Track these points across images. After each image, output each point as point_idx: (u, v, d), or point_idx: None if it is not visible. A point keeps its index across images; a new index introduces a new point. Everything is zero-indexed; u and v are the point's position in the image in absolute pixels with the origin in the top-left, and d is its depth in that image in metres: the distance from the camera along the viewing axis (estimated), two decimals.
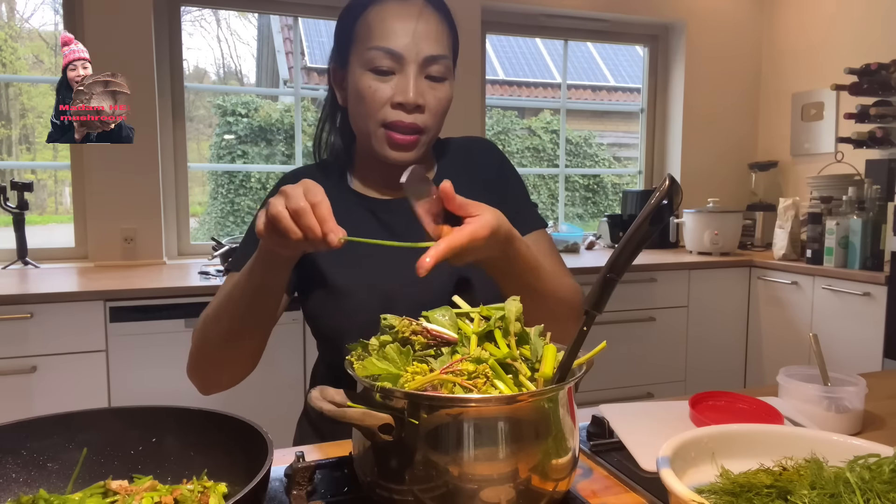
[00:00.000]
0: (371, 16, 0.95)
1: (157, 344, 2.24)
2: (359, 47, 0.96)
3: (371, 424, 0.59)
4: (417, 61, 0.94)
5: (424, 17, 0.95)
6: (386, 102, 0.94)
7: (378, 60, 0.93)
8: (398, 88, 0.94)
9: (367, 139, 0.98)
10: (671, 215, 0.63)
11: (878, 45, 3.07)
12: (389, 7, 0.95)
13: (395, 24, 0.93)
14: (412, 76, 0.93)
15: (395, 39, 0.93)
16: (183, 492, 0.64)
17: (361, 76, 0.95)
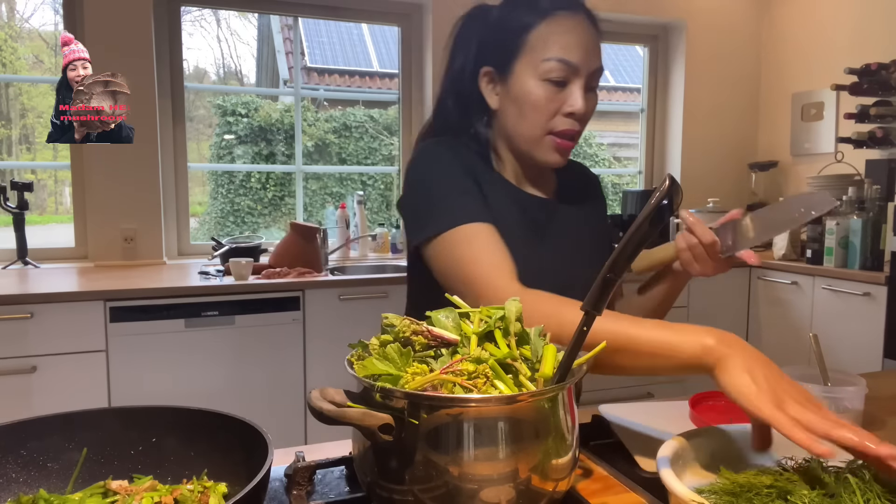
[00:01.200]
0: (546, 28, 1.00)
1: (157, 344, 2.24)
2: (531, 56, 1.00)
3: (371, 424, 0.59)
4: (587, 73, 1.00)
5: (590, 31, 1.02)
6: (557, 112, 1.01)
7: (555, 72, 0.99)
8: (570, 99, 1.00)
9: (530, 144, 1.04)
10: (671, 215, 0.63)
11: (878, 45, 3.07)
12: (563, 21, 1.00)
13: (571, 37, 0.99)
14: (582, 87, 1.00)
15: (573, 52, 0.99)
16: (183, 492, 0.64)
17: (535, 86, 1.00)
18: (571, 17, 1.00)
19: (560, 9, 1.01)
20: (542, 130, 1.02)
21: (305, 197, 4.01)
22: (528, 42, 1.01)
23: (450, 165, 1.03)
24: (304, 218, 3.38)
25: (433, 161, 1.04)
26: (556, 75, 0.99)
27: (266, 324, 2.37)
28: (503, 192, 1.07)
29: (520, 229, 1.05)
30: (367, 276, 2.68)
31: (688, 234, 0.99)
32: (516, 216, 1.06)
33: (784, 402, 0.64)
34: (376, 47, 6.40)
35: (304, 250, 2.63)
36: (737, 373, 0.67)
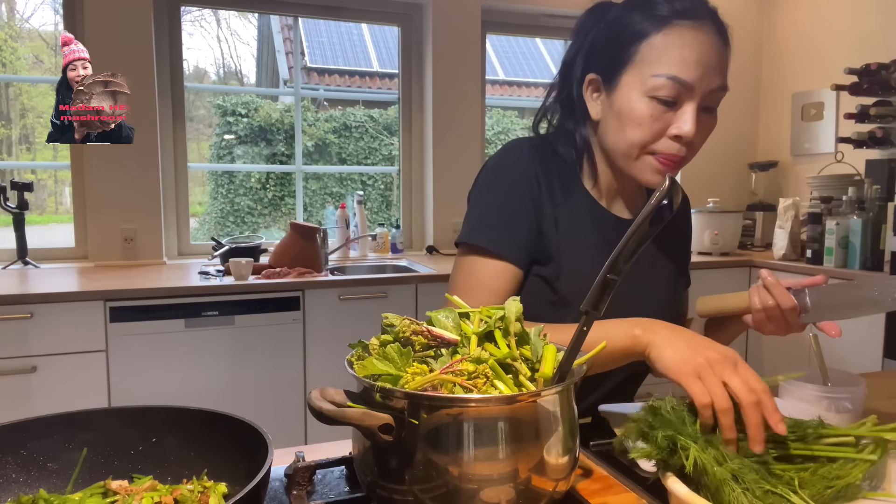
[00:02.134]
0: (661, 40, 0.90)
1: (157, 344, 2.24)
2: (641, 70, 0.91)
3: (371, 424, 0.59)
4: (703, 93, 0.91)
5: (714, 46, 0.91)
6: (662, 132, 0.92)
7: (665, 90, 0.89)
8: (679, 121, 0.91)
9: (627, 161, 0.96)
10: (672, 215, 0.63)
11: (878, 45, 3.07)
12: (683, 33, 0.89)
13: (688, 51, 0.89)
14: (695, 108, 0.90)
15: (688, 70, 0.89)
16: (183, 492, 0.64)
17: (640, 101, 0.91)
18: (693, 28, 0.90)
19: (681, 17, 0.90)
20: (640, 149, 0.94)
21: (305, 197, 4.01)
22: (639, 53, 0.92)
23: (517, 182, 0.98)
24: (304, 218, 3.38)
25: (511, 166, 1.00)
26: (665, 93, 0.90)
27: (266, 324, 2.37)
28: (582, 207, 1.02)
29: (592, 250, 1.00)
30: (367, 276, 2.68)
31: (764, 294, 0.93)
32: (590, 234, 1.01)
33: (703, 371, 0.71)
34: (376, 47, 6.40)
35: (304, 250, 2.63)
36: (662, 351, 0.77)
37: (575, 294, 0.97)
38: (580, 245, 1.00)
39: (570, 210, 1.00)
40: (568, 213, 1.00)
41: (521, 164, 0.99)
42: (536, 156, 1.00)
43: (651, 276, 1.07)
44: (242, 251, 2.66)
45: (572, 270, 0.99)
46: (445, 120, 3.17)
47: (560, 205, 1.00)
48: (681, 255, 1.15)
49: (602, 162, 1.03)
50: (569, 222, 1.00)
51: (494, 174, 1.00)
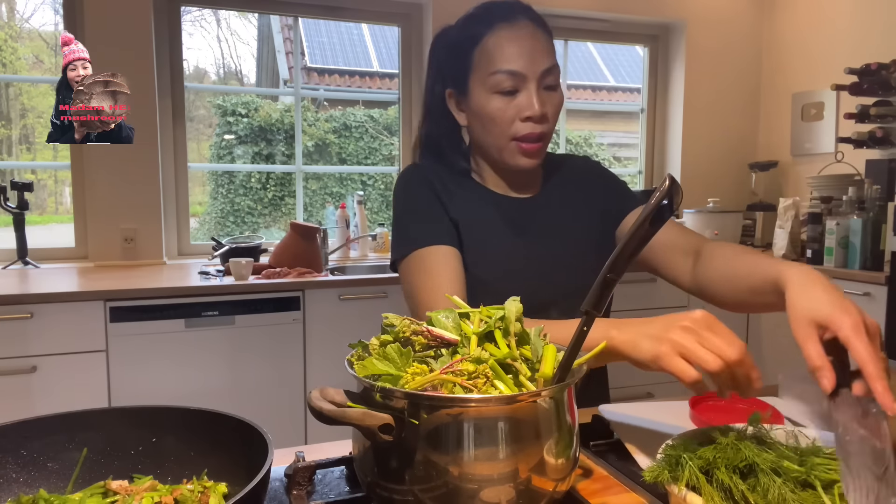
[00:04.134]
0: (488, 44, 1.04)
1: (157, 344, 2.24)
2: (480, 74, 1.05)
3: (371, 424, 0.59)
4: (536, 76, 1.03)
5: (534, 36, 1.04)
6: (514, 119, 1.04)
7: (503, 83, 1.03)
8: (524, 104, 1.03)
9: (499, 153, 1.09)
10: (671, 215, 0.63)
11: (878, 45, 3.07)
12: (503, 33, 1.04)
13: (511, 47, 1.02)
14: (534, 91, 1.03)
15: (515, 61, 1.02)
16: (183, 492, 0.64)
17: (488, 99, 1.04)
18: (511, 27, 1.04)
19: (499, 21, 1.04)
20: (505, 138, 1.06)
21: (305, 197, 4.01)
22: (475, 60, 1.06)
23: (416, 190, 1.12)
24: (304, 218, 3.38)
25: (403, 187, 1.14)
26: (505, 86, 1.03)
27: (266, 324, 2.37)
28: (478, 197, 1.13)
29: (496, 229, 1.11)
30: (367, 276, 2.68)
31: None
32: (492, 217, 1.12)
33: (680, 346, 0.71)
34: (376, 47, 6.40)
35: (304, 250, 2.63)
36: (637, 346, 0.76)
37: (489, 273, 1.07)
38: (484, 229, 1.10)
39: (467, 201, 1.11)
40: (465, 204, 1.11)
41: (417, 176, 1.13)
42: (425, 171, 1.14)
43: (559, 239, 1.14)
44: (242, 251, 2.66)
45: (482, 254, 1.08)
46: None
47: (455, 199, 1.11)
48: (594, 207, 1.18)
49: (482, 160, 1.16)
50: (467, 210, 1.10)
51: (399, 196, 1.13)
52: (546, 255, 1.12)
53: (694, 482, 0.60)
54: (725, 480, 0.59)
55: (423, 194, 1.11)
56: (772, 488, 0.57)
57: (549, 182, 1.19)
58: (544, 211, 1.15)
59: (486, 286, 1.06)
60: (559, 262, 1.12)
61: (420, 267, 1.04)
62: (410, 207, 1.11)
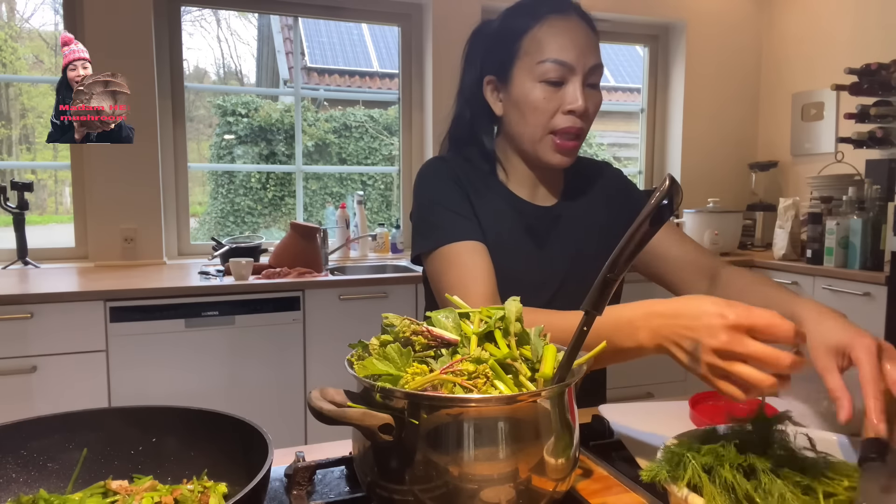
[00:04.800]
0: (539, 32, 1.04)
1: (157, 344, 2.24)
2: (527, 61, 1.04)
3: (371, 424, 0.59)
4: (584, 71, 1.03)
5: (583, 30, 1.04)
6: (557, 110, 1.03)
7: (551, 72, 1.02)
8: (569, 97, 1.02)
9: (533, 145, 1.07)
10: (671, 215, 0.62)
11: (878, 45, 3.07)
12: (556, 23, 1.03)
13: (563, 38, 1.02)
14: (579, 85, 1.02)
15: (566, 52, 1.02)
16: (183, 492, 0.64)
17: (533, 87, 1.03)
18: (563, 19, 1.03)
19: (551, 13, 1.04)
20: (543, 130, 1.04)
21: (305, 197, 4.01)
22: (523, 47, 1.05)
23: (444, 183, 1.10)
24: (304, 218, 3.38)
25: (432, 178, 1.11)
26: (552, 76, 1.02)
27: (266, 324, 2.37)
28: (502, 200, 1.11)
29: (515, 236, 1.10)
30: (367, 276, 2.68)
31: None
32: (513, 223, 1.10)
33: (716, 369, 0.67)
34: (376, 47, 6.40)
35: (304, 250, 2.63)
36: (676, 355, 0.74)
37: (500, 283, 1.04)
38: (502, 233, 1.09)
39: (489, 204, 1.10)
40: (488, 208, 1.09)
41: (442, 170, 1.11)
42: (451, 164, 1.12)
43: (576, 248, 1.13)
44: (242, 251, 2.66)
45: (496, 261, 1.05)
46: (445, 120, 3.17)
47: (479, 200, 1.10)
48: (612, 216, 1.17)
49: (514, 155, 1.13)
50: (489, 215, 1.09)
51: (425, 187, 1.11)
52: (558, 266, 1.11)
53: (696, 481, 0.60)
54: (729, 479, 0.59)
55: (452, 188, 1.09)
56: (773, 490, 0.57)
57: (572, 190, 1.17)
58: (565, 221, 1.14)
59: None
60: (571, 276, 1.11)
61: (454, 261, 1.02)
62: (439, 199, 1.08)
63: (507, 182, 1.14)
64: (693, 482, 0.60)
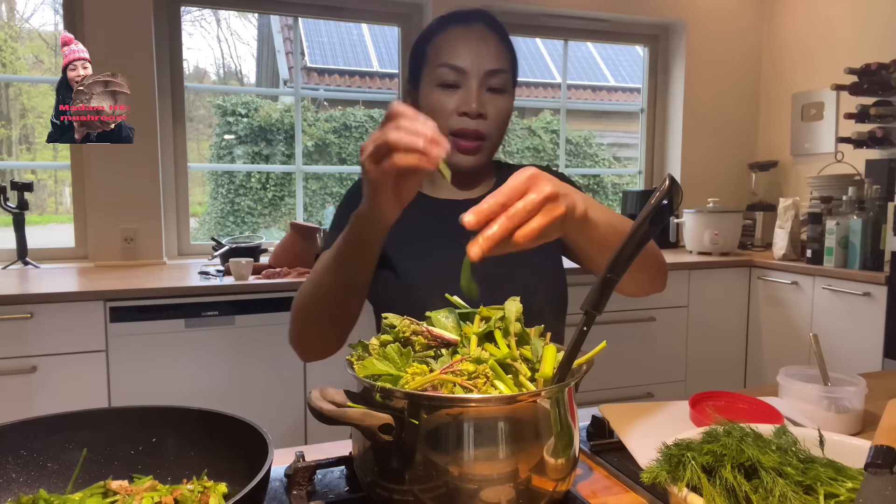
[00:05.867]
0: (439, 39, 1.10)
1: (157, 344, 2.24)
2: (429, 67, 1.10)
3: (371, 424, 0.59)
4: (479, 75, 1.06)
5: (485, 39, 1.08)
6: (452, 112, 1.07)
7: (445, 76, 1.07)
8: (462, 99, 1.06)
9: None
10: (671, 215, 0.63)
11: (878, 45, 3.07)
12: (455, 31, 1.09)
13: (459, 44, 1.07)
14: (474, 88, 1.06)
15: (459, 57, 1.06)
16: (183, 492, 0.64)
17: (431, 91, 1.08)
18: (465, 28, 1.08)
19: (455, 23, 1.09)
20: (444, 132, 1.04)
21: (305, 197, 4.01)
22: (427, 55, 1.11)
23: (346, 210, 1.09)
24: (304, 218, 3.38)
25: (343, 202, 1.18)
26: (446, 79, 1.06)
27: (266, 324, 2.37)
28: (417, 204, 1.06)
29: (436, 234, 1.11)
30: None
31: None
32: (432, 223, 1.12)
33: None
34: (376, 47, 6.39)
35: (304, 250, 2.63)
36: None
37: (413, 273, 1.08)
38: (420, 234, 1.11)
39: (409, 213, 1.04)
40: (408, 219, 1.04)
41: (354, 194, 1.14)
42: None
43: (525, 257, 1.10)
44: (242, 251, 2.66)
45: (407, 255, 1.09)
46: None
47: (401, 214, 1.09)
48: None
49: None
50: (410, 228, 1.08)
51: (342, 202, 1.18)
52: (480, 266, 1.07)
53: (695, 482, 0.60)
54: (730, 479, 0.59)
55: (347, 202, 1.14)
56: (775, 489, 0.57)
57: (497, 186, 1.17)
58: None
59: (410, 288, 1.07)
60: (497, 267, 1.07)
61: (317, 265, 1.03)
62: (335, 224, 1.15)
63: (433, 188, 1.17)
64: (693, 482, 0.60)
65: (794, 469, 0.61)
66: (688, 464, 0.61)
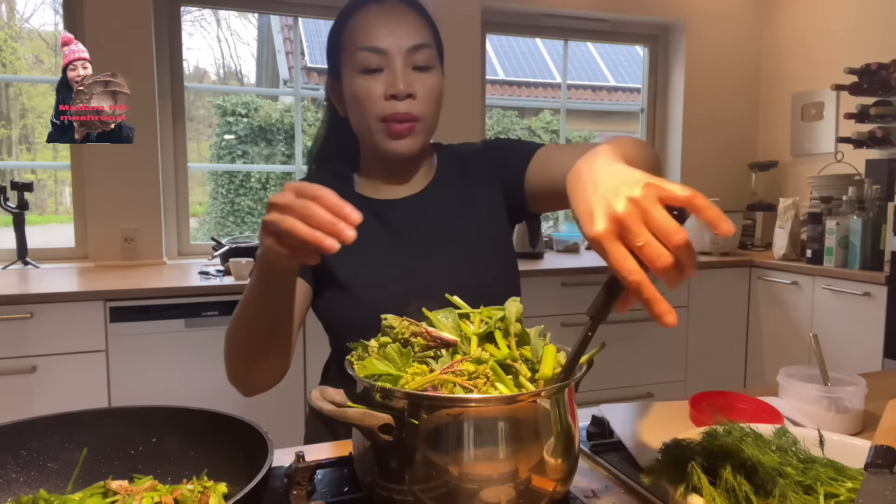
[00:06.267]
0: (353, 23, 1.02)
1: (157, 344, 2.24)
2: (347, 54, 1.02)
3: (371, 424, 0.59)
4: (401, 54, 0.99)
5: (401, 14, 1.01)
6: (379, 97, 0.99)
7: (365, 60, 0.99)
8: (388, 82, 0.99)
9: (369, 136, 1.03)
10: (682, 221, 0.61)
11: (878, 45, 3.07)
12: (369, 12, 1.01)
13: (374, 24, 1.00)
14: (399, 68, 0.99)
15: (377, 38, 0.99)
16: (183, 492, 0.64)
17: (353, 79, 1.01)
18: (377, 7, 1.01)
19: (366, 3, 1.02)
20: (374, 119, 1.01)
21: None
22: (343, 42, 1.03)
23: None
24: None
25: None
26: (368, 64, 0.99)
27: None
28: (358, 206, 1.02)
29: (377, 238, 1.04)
30: None
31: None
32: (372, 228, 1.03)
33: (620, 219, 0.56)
34: None
35: None
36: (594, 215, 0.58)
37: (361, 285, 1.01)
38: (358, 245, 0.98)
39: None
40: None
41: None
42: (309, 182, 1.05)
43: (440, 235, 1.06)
44: (242, 251, 2.66)
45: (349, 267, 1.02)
46: (445, 120, 3.16)
47: None
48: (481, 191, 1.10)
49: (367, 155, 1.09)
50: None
51: None
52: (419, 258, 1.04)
53: (695, 482, 0.60)
54: (730, 479, 0.59)
55: None
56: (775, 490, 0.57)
57: (444, 175, 1.12)
58: (425, 209, 1.07)
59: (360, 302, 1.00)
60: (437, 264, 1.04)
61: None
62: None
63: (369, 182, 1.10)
64: (693, 482, 0.60)
65: (794, 469, 0.61)
66: (688, 464, 0.61)
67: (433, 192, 1.10)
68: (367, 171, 1.11)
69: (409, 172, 1.10)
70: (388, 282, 1.02)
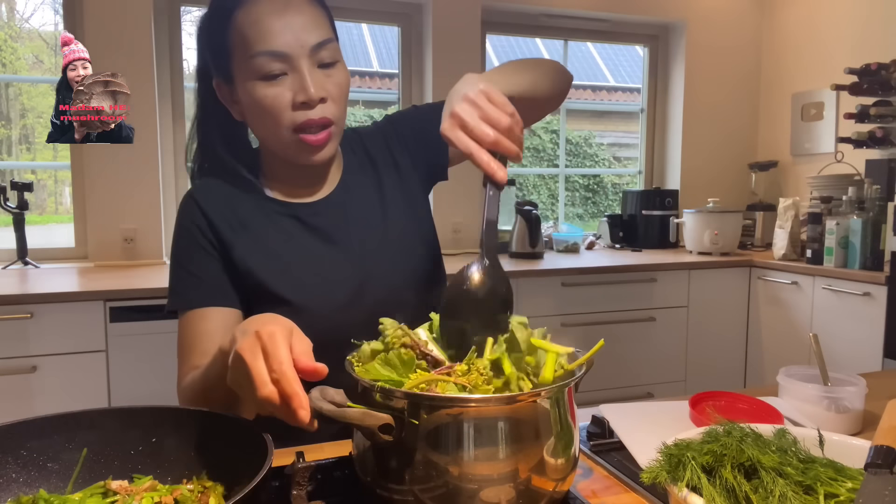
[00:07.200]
0: (241, 21, 0.88)
1: (157, 344, 2.24)
2: (239, 58, 0.89)
3: (371, 424, 0.59)
4: (306, 54, 0.88)
5: (296, 6, 0.89)
6: (287, 106, 0.89)
7: (266, 66, 0.87)
8: (296, 88, 0.88)
9: (283, 149, 0.94)
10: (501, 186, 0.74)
11: (878, 45, 3.07)
12: (257, 7, 0.88)
13: (269, 22, 0.87)
14: (306, 71, 0.88)
15: (276, 39, 0.87)
16: (183, 492, 0.64)
17: (253, 87, 0.89)
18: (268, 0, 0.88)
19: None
20: (286, 130, 0.90)
21: None
22: (231, 42, 0.90)
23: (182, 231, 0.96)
24: None
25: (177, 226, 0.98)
26: (268, 70, 0.87)
27: None
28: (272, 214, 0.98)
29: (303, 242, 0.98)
30: None
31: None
32: (295, 232, 0.98)
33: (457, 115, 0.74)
34: (376, 47, 6.39)
35: None
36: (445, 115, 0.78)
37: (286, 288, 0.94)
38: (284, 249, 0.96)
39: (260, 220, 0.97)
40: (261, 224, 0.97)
41: (183, 221, 0.97)
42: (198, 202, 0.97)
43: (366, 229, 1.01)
44: None
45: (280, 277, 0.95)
46: None
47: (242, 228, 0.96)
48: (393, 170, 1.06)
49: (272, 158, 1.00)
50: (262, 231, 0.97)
51: (174, 236, 0.98)
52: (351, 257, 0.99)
53: (695, 482, 0.60)
54: (730, 479, 0.59)
55: (187, 243, 0.95)
56: (775, 490, 0.57)
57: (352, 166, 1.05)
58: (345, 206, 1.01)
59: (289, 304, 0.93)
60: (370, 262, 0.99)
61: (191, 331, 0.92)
62: (177, 257, 0.96)
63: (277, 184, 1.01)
64: (693, 482, 0.60)
65: (794, 469, 0.61)
66: (688, 464, 0.61)
67: (349, 186, 1.03)
68: (275, 176, 1.01)
69: (324, 175, 1.02)
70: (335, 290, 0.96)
